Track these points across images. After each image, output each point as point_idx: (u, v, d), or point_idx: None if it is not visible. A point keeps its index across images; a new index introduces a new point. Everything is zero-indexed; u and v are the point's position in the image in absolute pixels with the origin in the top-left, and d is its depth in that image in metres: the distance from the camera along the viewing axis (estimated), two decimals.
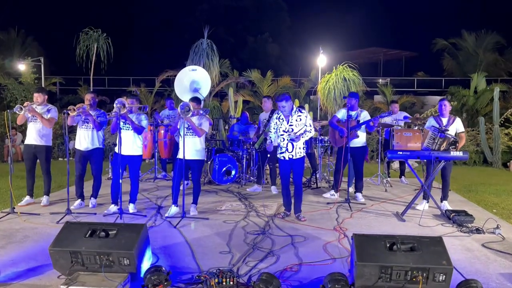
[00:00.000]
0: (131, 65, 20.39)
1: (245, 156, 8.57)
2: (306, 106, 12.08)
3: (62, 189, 7.96)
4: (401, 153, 6.09)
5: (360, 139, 7.20)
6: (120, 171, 5.88)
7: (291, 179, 6.19)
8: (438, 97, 19.85)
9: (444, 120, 6.71)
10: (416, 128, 8.55)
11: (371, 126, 7.22)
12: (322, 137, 9.10)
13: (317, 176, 8.71)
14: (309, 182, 8.52)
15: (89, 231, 3.80)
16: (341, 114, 7.27)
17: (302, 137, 5.80)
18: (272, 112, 7.85)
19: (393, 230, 5.50)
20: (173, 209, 6.12)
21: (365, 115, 7.25)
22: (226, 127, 12.65)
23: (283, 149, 5.93)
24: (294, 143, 5.82)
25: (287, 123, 5.86)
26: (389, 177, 9.16)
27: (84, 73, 15.01)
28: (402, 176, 9.34)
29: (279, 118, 5.94)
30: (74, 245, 3.66)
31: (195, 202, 6.31)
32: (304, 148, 5.98)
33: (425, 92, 20.13)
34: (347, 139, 6.82)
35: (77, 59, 13.42)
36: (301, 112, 5.90)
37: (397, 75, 24.07)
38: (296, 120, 5.85)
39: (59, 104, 15.43)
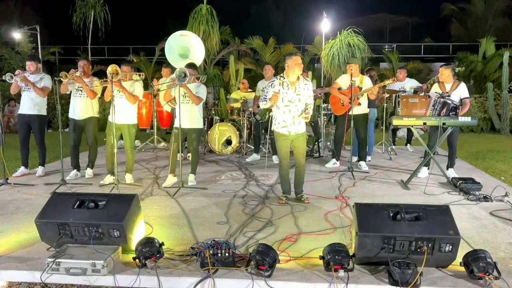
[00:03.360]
0: (130, 33, 19.94)
1: (245, 125, 8.33)
2: (310, 73, 11.72)
3: (58, 160, 7.75)
4: (406, 119, 5.83)
5: (362, 106, 6.94)
6: (115, 140, 5.67)
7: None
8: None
9: (448, 86, 6.41)
10: (423, 94, 8.25)
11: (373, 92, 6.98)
12: (326, 104, 8.83)
13: (320, 144, 8.48)
14: (311, 151, 8.30)
15: (77, 202, 3.62)
16: (342, 81, 6.99)
17: (309, 111, 5.09)
18: None
19: (397, 199, 5.32)
20: (171, 179, 5.95)
21: (367, 82, 6.96)
22: (228, 96, 12.37)
23: (288, 122, 5.03)
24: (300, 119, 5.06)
25: (294, 92, 5.00)
26: (394, 145, 8.92)
27: (82, 42, 14.70)
28: (408, 144, 9.10)
29: (282, 85, 5.01)
30: (62, 216, 3.49)
31: (193, 172, 6.13)
32: (305, 123, 5.32)
33: (432, 59, 19.63)
34: (350, 105, 6.56)
35: (74, 27, 13.09)
36: (306, 80, 5.17)
37: (404, 42, 23.45)
38: (304, 89, 5.07)
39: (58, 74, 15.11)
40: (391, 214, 3.37)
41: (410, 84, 8.82)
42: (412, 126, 6.02)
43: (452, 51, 19.11)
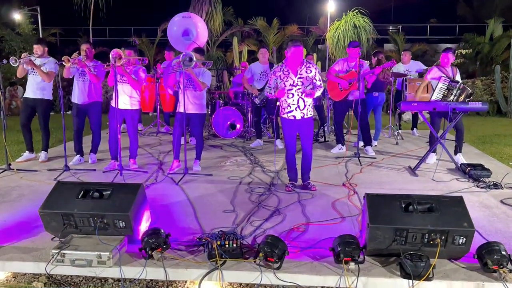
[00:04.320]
0: (132, 14, 19.64)
1: (250, 109, 8.22)
2: (314, 55, 11.54)
3: (62, 144, 7.68)
4: (415, 104, 5.70)
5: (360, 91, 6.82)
6: (118, 125, 5.57)
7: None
8: (452, 45, 19.12)
9: (449, 70, 6.26)
10: None
11: (370, 77, 6.87)
12: None
13: (325, 129, 8.38)
14: (317, 136, 8.20)
15: (82, 192, 3.55)
16: (339, 65, 6.85)
17: (315, 91, 5.01)
18: (271, 66, 7.43)
19: (405, 186, 5.24)
20: (175, 165, 5.88)
21: (365, 66, 6.82)
22: (231, 79, 12.23)
23: (292, 107, 4.93)
24: (306, 99, 4.99)
25: (295, 76, 4.95)
26: (400, 129, 8.81)
27: (83, 23, 14.49)
28: (414, 128, 8.97)
29: (282, 70, 4.96)
30: (66, 207, 3.42)
31: (198, 157, 6.05)
32: (312, 107, 5.35)
33: (437, 40, 19.31)
34: (359, 91, 6.44)
35: (75, 7, 12.87)
36: (310, 64, 5.05)
37: (409, 23, 23.04)
38: (306, 72, 4.92)
39: (60, 56, 14.94)
40: (403, 205, 3.29)
41: (415, 67, 8.67)
42: (421, 111, 5.88)
43: (459, 32, 18.77)
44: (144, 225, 3.63)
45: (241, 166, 6.26)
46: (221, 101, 8.59)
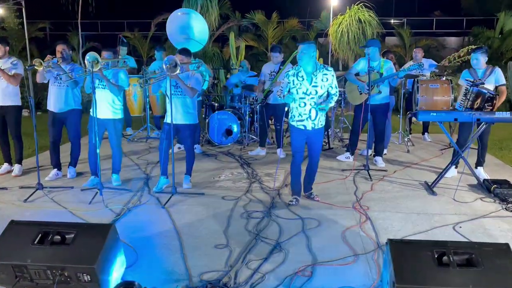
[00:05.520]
0: (125, 7, 18.86)
1: (247, 112, 7.54)
2: (317, 51, 10.82)
3: (42, 152, 7.02)
4: (434, 114, 5.03)
5: (382, 95, 6.15)
6: (97, 139, 4.90)
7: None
8: (458, 39, 18.36)
9: (480, 72, 5.60)
10: (445, 78, 7.43)
11: (394, 79, 6.19)
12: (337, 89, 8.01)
13: (330, 134, 7.71)
14: None
15: (39, 236, 2.89)
16: (361, 65, 6.17)
17: (330, 102, 4.54)
18: (283, 63, 6.73)
19: (424, 208, 4.59)
20: (162, 181, 5.23)
21: (388, 66, 6.15)
22: (228, 76, 11.52)
23: (304, 116, 4.51)
24: (319, 112, 4.54)
25: (309, 84, 4.44)
26: (410, 133, 8.14)
27: (73, 16, 13.75)
28: (426, 133, 8.30)
29: (297, 75, 4.46)
30: (18, 256, 2.76)
31: (188, 173, 5.39)
32: (324, 117, 4.72)
33: (443, 33, 18.53)
34: (368, 95, 5.76)
35: (63, 0, 12.14)
36: (327, 70, 4.54)
37: (411, 15, 22.24)
38: (322, 80, 4.45)
39: (49, 52, 14.21)
40: (436, 256, 2.64)
41: (428, 64, 7.99)
42: (441, 122, 5.20)
43: (466, 26, 18.00)
44: (117, 273, 2.98)
45: (237, 181, 5.60)
46: (216, 104, 7.91)
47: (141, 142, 7.96)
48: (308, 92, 4.46)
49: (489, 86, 5.48)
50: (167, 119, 5.01)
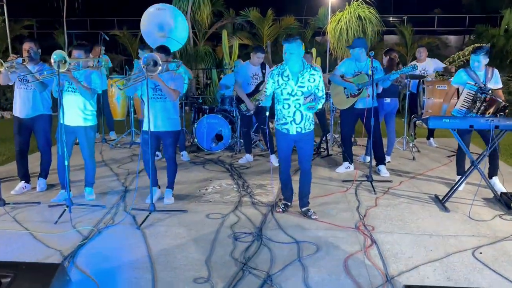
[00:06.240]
0: (115, 5, 18.21)
1: (239, 116, 6.95)
2: (314, 51, 10.25)
3: (8, 163, 6.42)
4: (447, 120, 4.44)
5: (371, 98, 5.57)
6: (65, 149, 4.29)
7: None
8: (459, 37, 17.80)
9: (480, 75, 4.99)
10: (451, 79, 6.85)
11: (385, 81, 5.63)
12: None
13: (328, 139, 7.13)
14: (318, 148, 6.95)
15: None
16: (346, 66, 5.61)
17: (318, 104, 4.07)
18: (264, 67, 6.22)
19: (437, 229, 4.02)
20: (155, 192, 4.70)
21: (377, 66, 5.57)
22: (222, 76, 10.93)
23: (288, 119, 4.12)
24: (304, 113, 4.10)
25: (295, 84, 4.05)
26: (415, 138, 7.56)
27: (59, 14, 13.15)
28: (431, 138, 7.72)
29: (282, 75, 4.07)
30: None
31: (170, 186, 4.82)
32: (313, 120, 4.28)
33: (445, 32, 17.95)
34: (372, 99, 5.19)
35: None
36: (315, 70, 4.11)
37: (410, 12, 21.64)
38: (309, 81, 4.06)
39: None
40: None
41: (433, 65, 7.42)
42: (455, 130, 4.62)
43: (469, 24, 17.43)
44: None
45: (225, 195, 5.02)
46: (206, 107, 7.32)
47: (124, 148, 7.37)
48: (293, 93, 4.06)
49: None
50: (145, 126, 4.43)
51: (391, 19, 19.21)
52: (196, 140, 7.00)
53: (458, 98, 5.12)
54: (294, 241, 3.75)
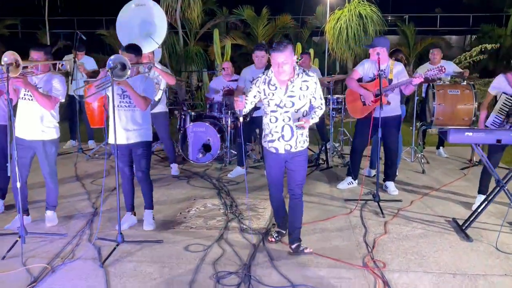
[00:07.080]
0: (103, 3, 17.46)
1: (229, 124, 6.26)
2: (312, 52, 9.57)
3: None
4: (470, 134, 3.76)
5: (393, 106, 4.87)
6: (16, 169, 3.58)
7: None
8: (461, 37, 17.13)
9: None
10: (465, 83, 6.19)
11: (409, 85, 4.88)
12: (336, 96, 6.77)
13: (328, 148, 6.44)
14: (317, 160, 6.27)
15: None
16: (365, 68, 4.91)
17: (312, 118, 3.37)
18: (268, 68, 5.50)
19: (460, 266, 3.34)
20: (130, 220, 4.04)
21: (399, 70, 4.88)
22: (214, 78, 10.24)
23: (275, 135, 3.42)
24: (296, 130, 3.39)
25: (284, 93, 3.34)
26: (424, 148, 6.87)
27: (45, 13, 12.48)
28: (441, 147, 7.04)
29: (268, 83, 3.37)
30: None
31: (149, 206, 4.14)
32: (307, 136, 3.56)
33: (446, 31, 17.29)
34: (380, 107, 4.49)
35: None
36: (308, 75, 3.37)
37: (410, 11, 20.97)
38: (301, 89, 3.34)
39: (18, 51, 12.90)
40: None
41: (448, 68, 6.73)
42: (478, 145, 3.94)
43: (473, 23, 16.77)
44: None
45: (210, 218, 4.32)
46: (192, 113, 6.63)
47: (101, 160, 6.66)
48: (281, 105, 3.35)
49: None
50: (111, 139, 3.73)
51: (389, 18, 18.56)
52: (180, 151, 6.31)
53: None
54: (290, 285, 3.07)
